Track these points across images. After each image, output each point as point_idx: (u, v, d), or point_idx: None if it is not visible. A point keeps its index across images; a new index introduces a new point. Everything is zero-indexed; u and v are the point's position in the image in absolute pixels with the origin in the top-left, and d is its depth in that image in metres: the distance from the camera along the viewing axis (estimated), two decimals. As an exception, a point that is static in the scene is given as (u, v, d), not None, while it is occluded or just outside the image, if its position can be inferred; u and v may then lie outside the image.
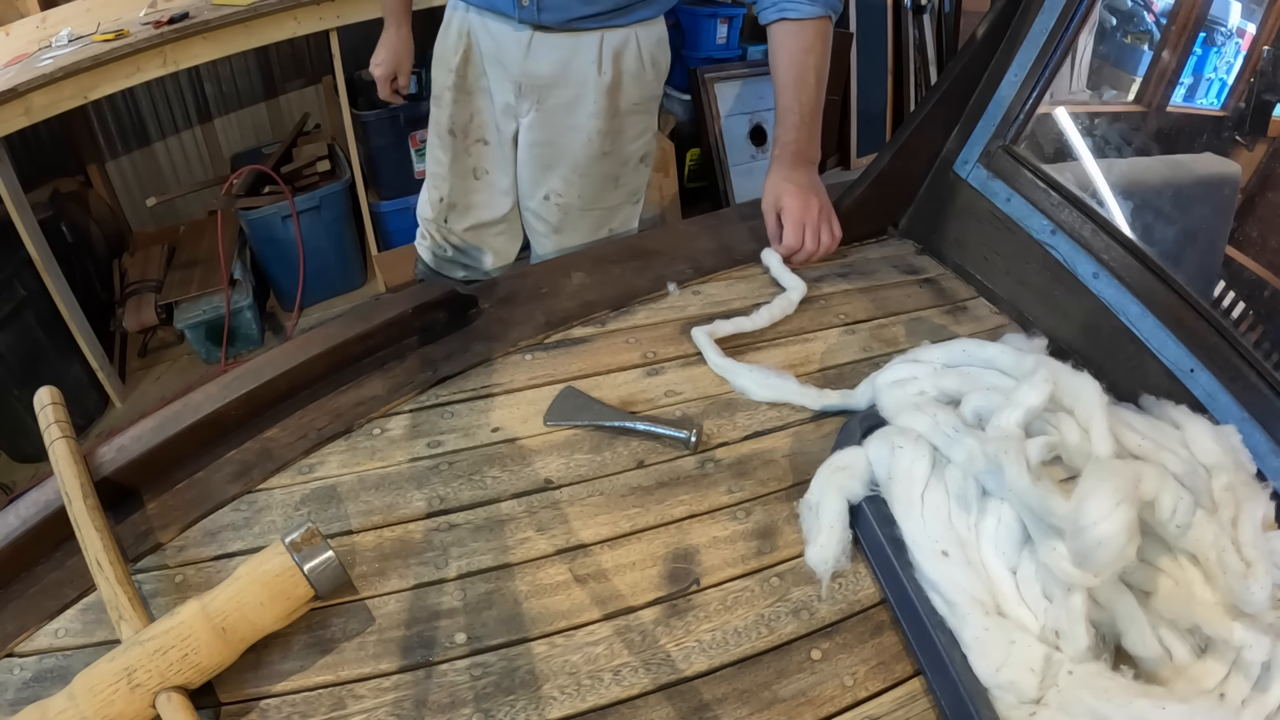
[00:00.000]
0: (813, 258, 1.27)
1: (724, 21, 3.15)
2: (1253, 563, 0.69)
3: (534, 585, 0.80)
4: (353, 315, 1.04)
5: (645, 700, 0.72)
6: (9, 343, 2.03)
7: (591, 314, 1.16)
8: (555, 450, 0.95)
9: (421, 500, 0.88)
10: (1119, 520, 0.65)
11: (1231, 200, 1.45)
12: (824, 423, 1.02)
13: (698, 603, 0.80)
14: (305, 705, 0.70)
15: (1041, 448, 0.76)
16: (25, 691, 0.69)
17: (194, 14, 2.06)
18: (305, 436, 0.94)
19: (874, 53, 3.55)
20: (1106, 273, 1.10)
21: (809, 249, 1.25)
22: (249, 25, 2.12)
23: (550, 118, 1.47)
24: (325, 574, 0.71)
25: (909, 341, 1.17)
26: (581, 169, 1.51)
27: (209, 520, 0.85)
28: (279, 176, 2.42)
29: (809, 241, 1.25)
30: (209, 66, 2.25)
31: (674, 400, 1.04)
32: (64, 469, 0.80)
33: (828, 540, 0.82)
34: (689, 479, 0.93)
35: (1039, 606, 0.73)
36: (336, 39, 2.30)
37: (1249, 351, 0.96)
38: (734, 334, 1.14)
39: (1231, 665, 0.70)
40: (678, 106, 3.21)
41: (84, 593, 0.76)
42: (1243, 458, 0.80)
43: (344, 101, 2.39)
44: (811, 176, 1.30)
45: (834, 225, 1.28)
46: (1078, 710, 0.66)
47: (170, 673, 0.65)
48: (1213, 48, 1.78)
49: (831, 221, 1.28)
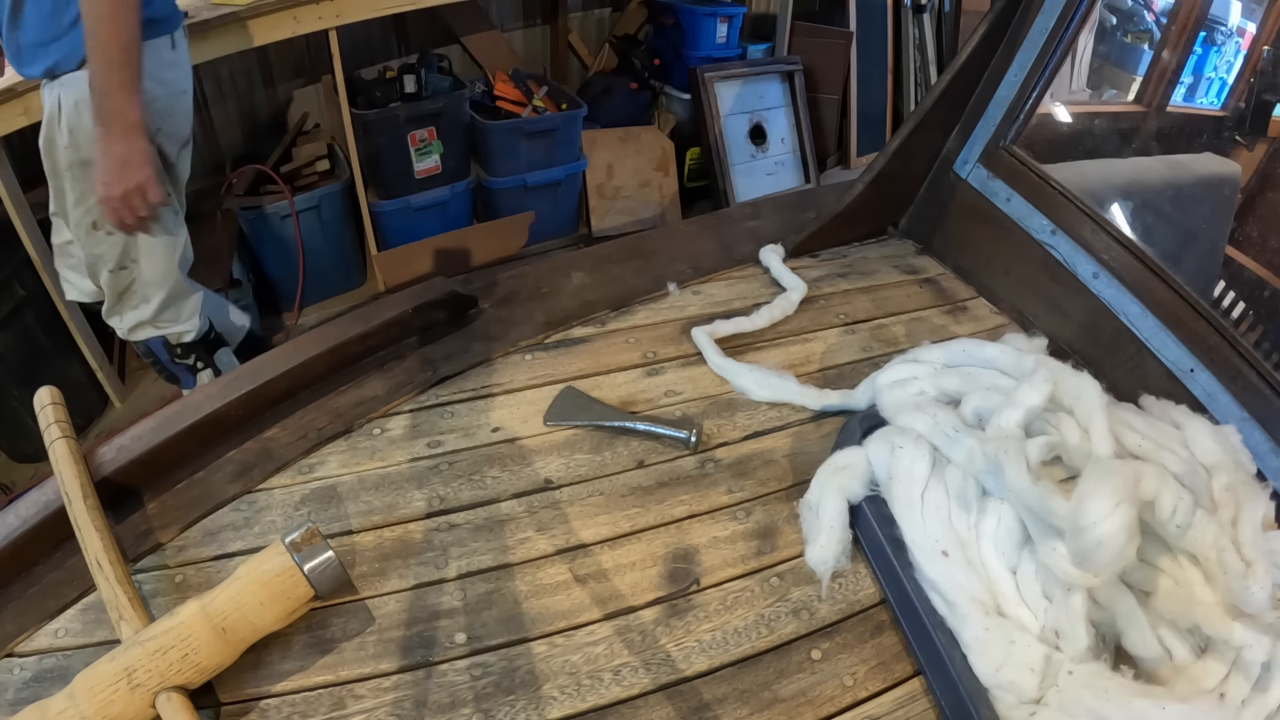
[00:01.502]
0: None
1: (724, 21, 3.15)
2: (1253, 563, 0.69)
3: (534, 585, 0.80)
4: (353, 315, 1.04)
5: (645, 700, 0.72)
6: (9, 343, 2.03)
7: (591, 314, 1.16)
8: (555, 450, 0.95)
9: (421, 500, 0.88)
10: (1119, 520, 0.65)
11: (1231, 200, 1.45)
12: (824, 423, 1.02)
13: (698, 603, 0.80)
14: (305, 705, 0.70)
15: (1041, 448, 0.76)
16: (25, 691, 0.69)
17: (193, 14, 2.06)
18: (305, 436, 0.94)
19: (874, 53, 3.55)
20: (1106, 273, 1.10)
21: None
22: (248, 25, 2.11)
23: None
24: (325, 574, 0.71)
25: (909, 341, 1.17)
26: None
27: (209, 520, 0.85)
28: (278, 176, 2.42)
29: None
30: (208, 66, 2.24)
31: (674, 400, 1.04)
32: (64, 469, 0.80)
33: (828, 540, 0.82)
34: (689, 479, 0.93)
35: (1039, 606, 0.73)
36: (336, 38, 2.30)
37: (1249, 351, 0.96)
38: (734, 334, 1.14)
39: (1231, 665, 0.70)
40: (678, 106, 3.21)
41: (84, 593, 0.76)
42: (1243, 458, 0.80)
43: (343, 101, 2.39)
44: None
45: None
46: (1078, 710, 0.66)
47: (170, 673, 0.65)
48: (1213, 47, 1.78)
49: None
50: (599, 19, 3.35)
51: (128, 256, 1.52)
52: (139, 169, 1.32)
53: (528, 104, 2.74)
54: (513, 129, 2.66)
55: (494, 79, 2.84)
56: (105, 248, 1.49)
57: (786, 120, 3.33)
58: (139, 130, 1.30)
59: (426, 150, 2.57)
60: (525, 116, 2.70)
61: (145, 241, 1.51)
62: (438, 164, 2.62)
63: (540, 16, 3.16)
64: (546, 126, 2.71)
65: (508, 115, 2.72)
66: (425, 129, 2.52)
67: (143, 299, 1.60)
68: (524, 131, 2.68)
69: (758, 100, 3.24)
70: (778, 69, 3.28)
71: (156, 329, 1.66)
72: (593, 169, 2.96)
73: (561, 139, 2.77)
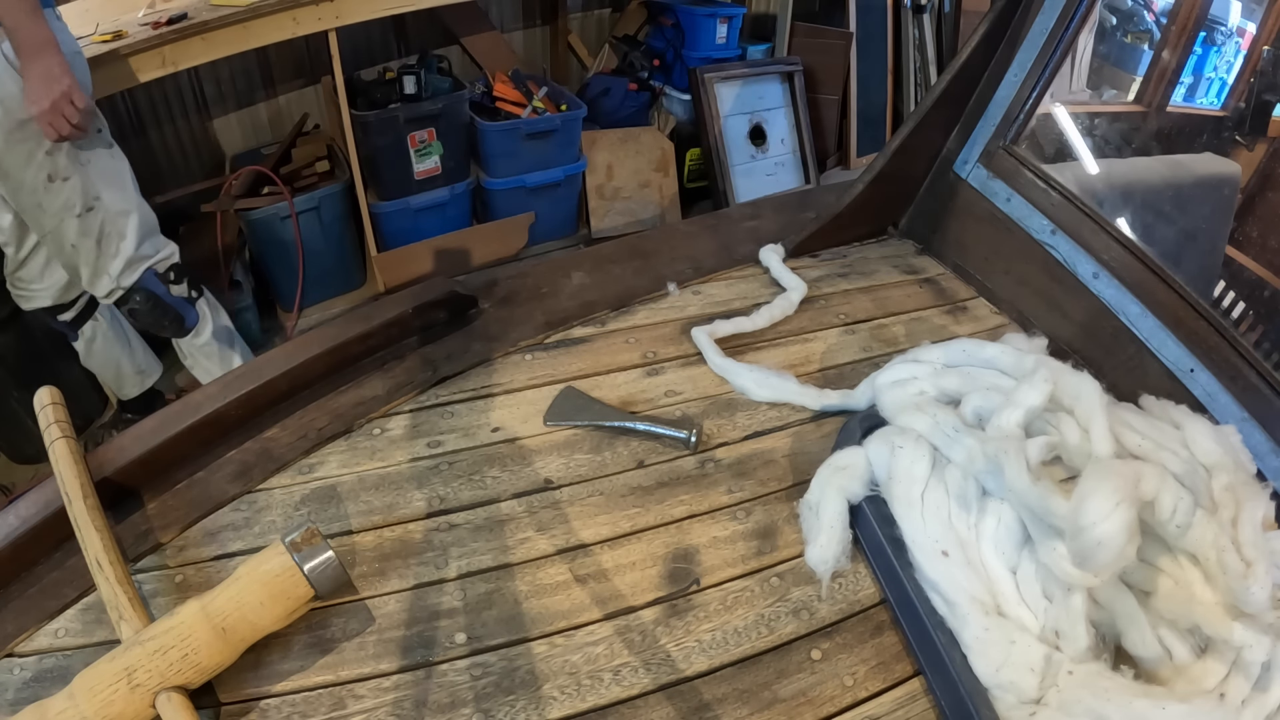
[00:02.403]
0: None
1: (724, 21, 3.15)
2: (1253, 563, 0.69)
3: (534, 585, 0.80)
4: (353, 315, 1.04)
5: (645, 700, 0.72)
6: (9, 343, 2.03)
7: (591, 314, 1.16)
8: (555, 450, 0.95)
9: (421, 500, 0.88)
10: (1119, 520, 0.65)
11: (1231, 200, 1.45)
12: (824, 423, 1.02)
13: (698, 603, 0.80)
14: (305, 705, 0.70)
15: (1041, 448, 0.76)
16: (25, 691, 0.69)
17: (193, 15, 2.06)
18: (305, 436, 0.94)
19: (874, 53, 3.55)
20: (1106, 273, 1.10)
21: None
22: (248, 26, 2.12)
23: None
24: (325, 574, 0.71)
25: (909, 341, 1.17)
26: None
27: (209, 520, 0.85)
28: (278, 177, 2.42)
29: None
30: (208, 67, 2.24)
31: (674, 400, 1.04)
32: (64, 469, 0.80)
33: (828, 540, 0.82)
34: (689, 479, 0.93)
35: (1039, 606, 0.73)
36: (335, 39, 2.30)
37: (1249, 351, 0.96)
38: (734, 334, 1.14)
39: (1231, 665, 0.70)
40: (678, 106, 3.22)
41: (84, 593, 0.76)
42: (1243, 458, 0.80)
43: (343, 102, 2.39)
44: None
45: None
46: (1078, 710, 0.66)
47: (170, 673, 0.65)
48: (1213, 47, 1.78)
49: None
50: (599, 19, 3.36)
51: (90, 195, 1.59)
52: (60, 78, 1.42)
53: (527, 105, 2.75)
54: (512, 130, 2.67)
55: (494, 80, 2.84)
56: (67, 193, 1.56)
57: (786, 121, 3.33)
58: (53, 46, 1.42)
59: (426, 151, 2.58)
60: (525, 117, 2.70)
61: (98, 173, 1.60)
62: (437, 165, 2.62)
63: (540, 17, 3.16)
64: (546, 127, 2.71)
65: (507, 116, 2.72)
66: (425, 130, 2.53)
67: (119, 234, 1.66)
68: (524, 132, 2.68)
69: (757, 101, 3.24)
70: (778, 69, 3.28)
71: (144, 261, 1.72)
72: (592, 170, 2.96)
73: (561, 140, 2.77)
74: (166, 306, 1.80)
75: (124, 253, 1.67)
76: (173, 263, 1.79)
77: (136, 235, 1.68)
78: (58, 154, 1.52)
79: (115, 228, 1.65)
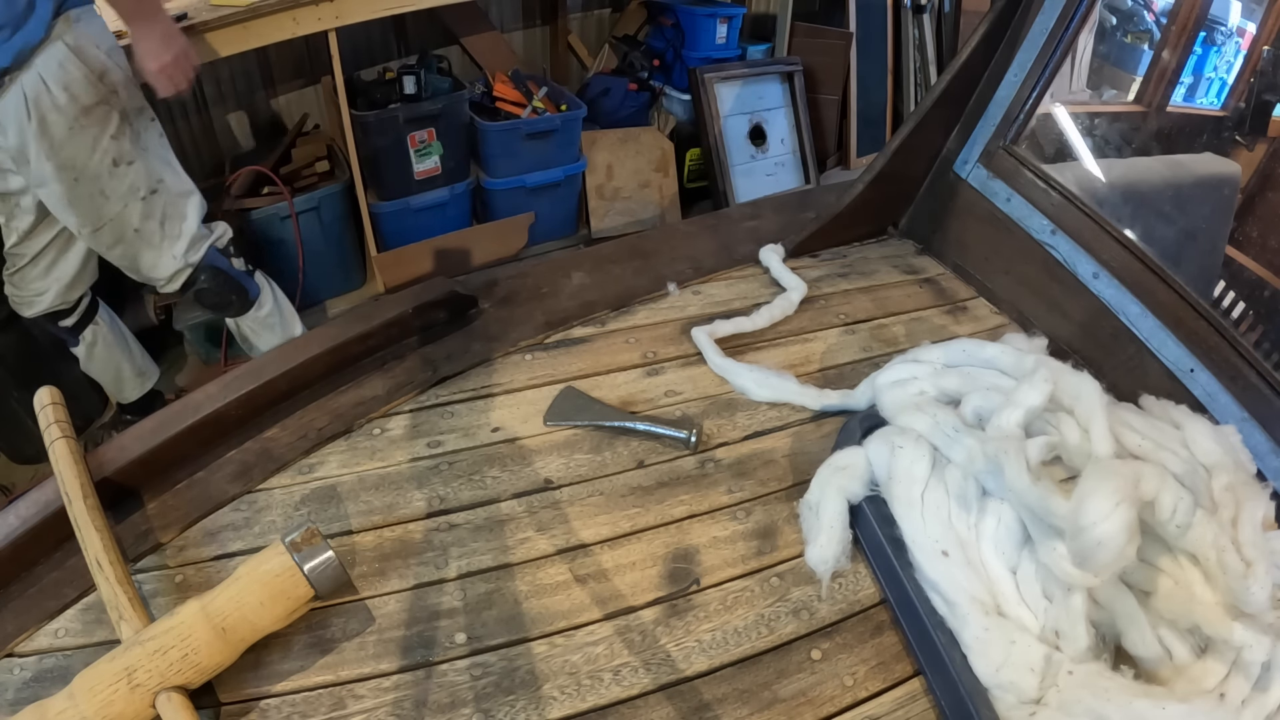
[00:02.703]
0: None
1: (724, 21, 3.15)
2: (1253, 563, 0.69)
3: (534, 585, 0.80)
4: (353, 315, 1.04)
5: (645, 700, 0.72)
6: (9, 343, 2.03)
7: (591, 314, 1.16)
8: (555, 450, 0.95)
9: (421, 500, 0.88)
10: (1119, 520, 0.65)
11: (1231, 200, 1.45)
12: (824, 423, 1.02)
13: (698, 603, 0.80)
14: (305, 705, 0.70)
15: (1041, 448, 0.76)
16: (25, 691, 0.69)
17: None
18: (305, 436, 0.94)
19: (874, 53, 3.55)
20: (1106, 273, 1.10)
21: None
22: (247, 26, 2.11)
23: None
24: (325, 574, 0.71)
25: (909, 341, 1.17)
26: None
27: (209, 520, 0.85)
28: (278, 177, 2.41)
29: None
30: (207, 67, 2.24)
31: (674, 400, 1.04)
32: (64, 469, 0.80)
33: (828, 540, 0.82)
34: (689, 479, 0.93)
35: (1039, 606, 0.73)
36: (335, 39, 2.30)
37: (1249, 351, 0.96)
38: (734, 334, 1.14)
39: (1231, 665, 0.70)
40: (678, 106, 3.22)
41: (84, 593, 0.76)
42: (1243, 458, 0.81)
43: (343, 102, 2.39)
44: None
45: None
46: (1078, 710, 0.66)
47: (170, 673, 0.65)
48: (1213, 47, 1.78)
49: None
50: (599, 19, 3.35)
51: (153, 178, 1.64)
52: (178, 36, 1.55)
53: (527, 105, 2.75)
54: (512, 130, 2.66)
55: (494, 80, 2.84)
56: (132, 176, 1.60)
57: (786, 121, 3.33)
58: (162, 11, 1.53)
59: (426, 151, 2.58)
60: (525, 117, 2.70)
61: (156, 157, 1.65)
62: (437, 165, 2.62)
63: (540, 17, 3.16)
64: (546, 127, 2.71)
65: (507, 116, 2.72)
66: (425, 130, 2.52)
67: (180, 215, 1.71)
68: (523, 132, 2.68)
69: (757, 101, 3.24)
70: (778, 69, 3.28)
71: (206, 239, 1.77)
72: (592, 170, 2.96)
73: (561, 140, 2.77)
74: (232, 280, 1.84)
75: (187, 233, 1.72)
76: (230, 237, 1.85)
77: (197, 216, 1.73)
78: (122, 139, 1.56)
79: (177, 209, 1.69)
